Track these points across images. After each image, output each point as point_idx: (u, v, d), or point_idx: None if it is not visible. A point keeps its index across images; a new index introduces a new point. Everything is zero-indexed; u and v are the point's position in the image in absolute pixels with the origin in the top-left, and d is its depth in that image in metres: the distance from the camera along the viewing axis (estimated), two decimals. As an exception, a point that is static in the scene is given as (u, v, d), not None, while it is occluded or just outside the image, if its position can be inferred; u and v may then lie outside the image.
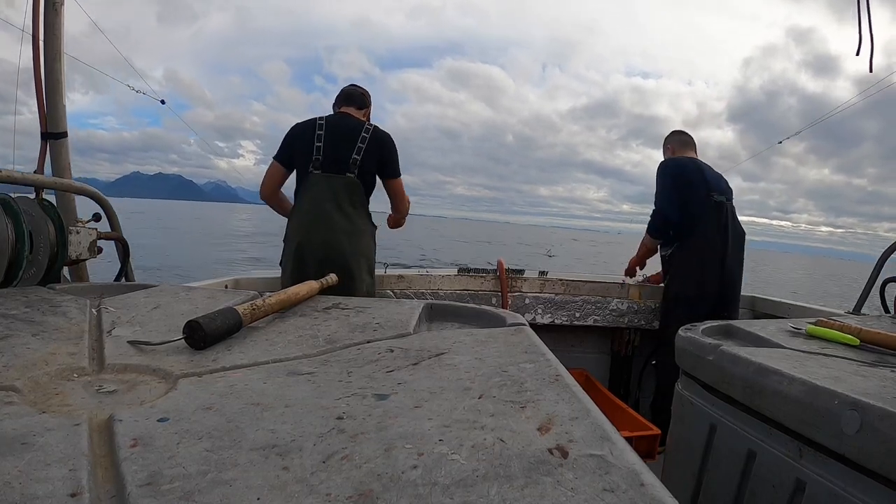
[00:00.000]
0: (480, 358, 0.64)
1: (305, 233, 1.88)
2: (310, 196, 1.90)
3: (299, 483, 0.35)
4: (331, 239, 1.85)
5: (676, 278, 2.31)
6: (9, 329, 0.73)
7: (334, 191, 1.88)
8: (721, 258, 2.20)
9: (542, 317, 2.45)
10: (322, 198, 1.87)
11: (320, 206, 1.87)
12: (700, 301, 2.19)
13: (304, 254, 1.86)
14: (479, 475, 0.36)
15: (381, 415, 0.47)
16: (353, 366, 0.63)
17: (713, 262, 2.20)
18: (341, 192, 1.88)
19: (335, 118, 1.99)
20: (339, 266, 1.67)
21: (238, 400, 0.50)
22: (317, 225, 1.87)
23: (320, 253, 1.84)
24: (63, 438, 0.41)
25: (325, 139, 1.91)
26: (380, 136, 1.95)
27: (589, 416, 0.46)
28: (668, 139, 2.53)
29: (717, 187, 2.27)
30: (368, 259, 1.95)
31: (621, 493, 0.34)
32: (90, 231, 1.42)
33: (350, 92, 2.09)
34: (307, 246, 1.86)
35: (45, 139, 1.56)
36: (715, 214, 2.22)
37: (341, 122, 1.97)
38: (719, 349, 0.97)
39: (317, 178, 1.89)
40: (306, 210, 1.89)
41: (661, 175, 2.34)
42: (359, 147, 1.90)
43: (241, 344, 0.72)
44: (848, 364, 0.87)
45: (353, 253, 1.87)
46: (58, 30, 1.52)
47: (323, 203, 1.87)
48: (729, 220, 2.24)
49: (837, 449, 0.70)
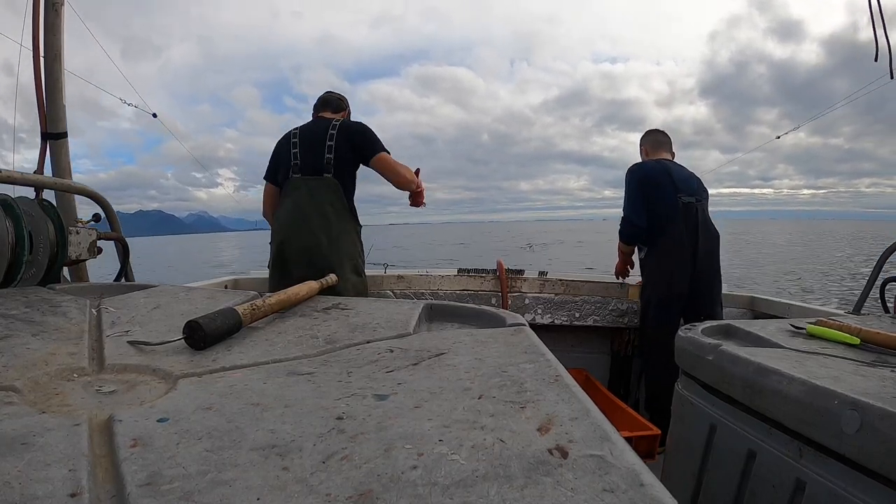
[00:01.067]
0: (480, 358, 0.64)
1: (286, 236, 1.89)
2: (290, 199, 1.92)
3: (299, 483, 0.35)
4: (310, 241, 1.86)
5: (649, 282, 2.32)
6: (9, 329, 0.73)
7: (312, 193, 1.89)
8: (692, 259, 2.19)
9: (541, 317, 2.45)
10: (301, 201, 1.89)
11: (299, 209, 1.88)
12: (670, 303, 2.20)
13: (286, 256, 1.88)
14: (479, 475, 0.36)
15: (381, 415, 0.47)
16: (353, 366, 0.63)
17: (682, 264, 2.19)
18: (320, 193, 1.89)
19: (308, 124, 2.03)
20: (320, 268, 1.68)
21: (238, 400, 0.50)
22: (297, 228, 1.88)
23: (302, 255, 1.85)
24: (63, 438, 0.41)
25: (300, 145, 1.94)
26: (346, 126, 1.95)
27: (589, 417, 0.46)
28: (642, 140, 2.52)
29: (686, 188, 2.26)
30: (352, 258, 1.93)
31: (621, 494, 0.34)
32: (90, 231, 1.42)
33: (326, 98, 2.13)
34: (288, 249, 1.88)
35: (45, 139, 1.56)
36: (683, 216, 2.21)
37: (313, 126, 2.00)
38: (719, 349, 0.97)
39: (296, 182, 1.92)
40: (286, 213, 1.91)
41: (628, 181, 2.34)
42: (329, 146, 1.91)
43: (240, 344, 0.72)
44: (848, 364, 0.87)
45: (334, 253, 1.87)
46: (58, 30, 1.52)
47: (302, 206, 1.88)
48: (699, 221, 2.23)
49: (837, 449, 0.70)
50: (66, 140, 1.59)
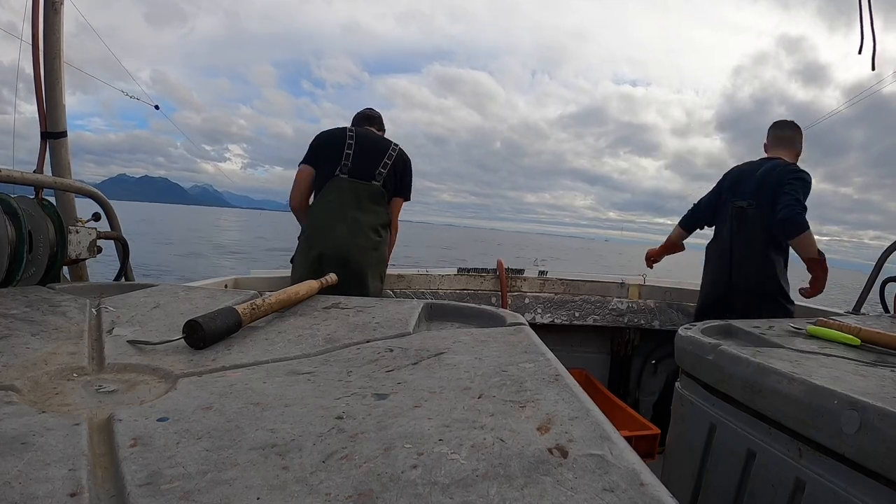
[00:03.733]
0: (480, 357, 0.64)
1: (326, 233, 1.87)
2: (333, 197, 1.90)
3: (299, 483, 0.35)
4: (350, 243, 1.85)
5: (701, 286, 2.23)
6: (9, 329, 0.73)
7: (359, 196, 1.91)
8: (727, 268, 2.04)
9: (541, 316, 2.45)
10: (346, 201, 1.89)
11: (344, 210, 1.88)
12: (704, 314, 2.05)
13: (323, 255, 1.84)
14: (479, 475, 0.36)
15: (381, 414, 0.47)
16: (353, 365, 0.63)
17: (719, 273, 2.07)
18: (366, 197, 1.92)
19: (364, 131, 2.05)
20: (354, 272, 1.70)
21: (238, 399, 0.50)
22: (338, 226, 1.87)
23: (339, 254, 1.83)
24: (63, 438, 0.41)
25: (355, 148, 1.95)
26: (404, 157, 2.05)
27: (588, 416, 0.46)
28: (769, 130, 2.22)
29: (746, 191, 2.04)
30: (380, 265, 1.97)
31: (621, 493, 0.34)
32: (90, 231, 1.42)
33: (370, 115, 2.20)
34: (327, 247, 1.85)
35: (45, 139, 1.56)
36: (729, 221, 2.06)
37: (369, 136, 2.04)
38: (719, 349, 0.97)
39: (342, 182, 1.91)
40: (329, 211, 1.90)
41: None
42: (385, 162, 1.97)
43: (240, 343, 0.72)
44: (848, 364, 0.87)
45: (369, 258, 1.89)
46: (57, 29, 1.52)
47: (346, 206, 1.88)
48: (747, 228, 2.00)
49: (837, 448, 0.70)
50: (66, 139, 1.59)
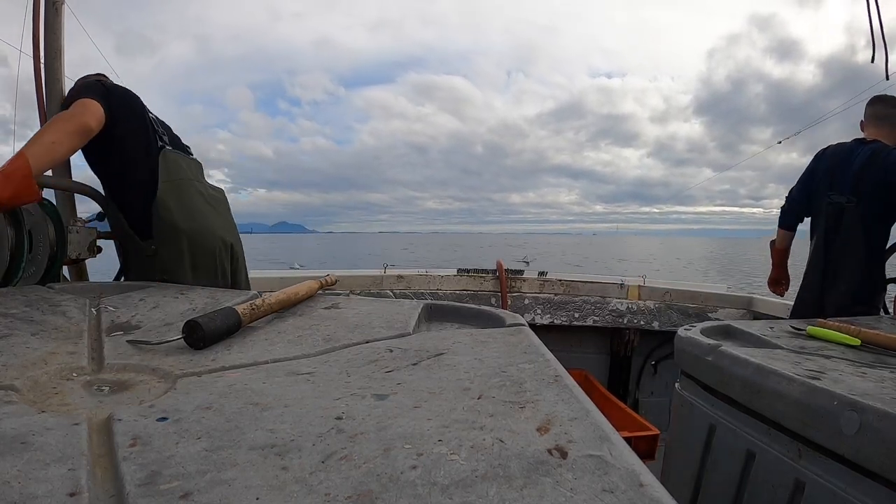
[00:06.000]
0: (480, 358, 0.64)
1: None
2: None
3: (298, 483, 0.35)
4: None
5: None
6: (8, 328, 0.73)
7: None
8: (820, 278, 1.74)
9: (541, 317, 2.45)
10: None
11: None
12: (797, 316, 1.78)
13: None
14: (479, 475, 0.36)
15: (381, 415, 0.47)
16: (353, 366, 0.62)
17: (813, 275, 1.78)
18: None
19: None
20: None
21: (237, 400, 0.50)
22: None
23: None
24: (62, 438, 0.41)
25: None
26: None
27: (588, 417, 0.45)
28: (866, 107, 1.87)
29: (843, 183, 1.72)
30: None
31: (620, 494, 0.34)
32: (90, 230, 1.42)
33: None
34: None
35: (45, 138, 1.55)
36: (824, 220, 1.75)
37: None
38: (718, 349, 0.97)
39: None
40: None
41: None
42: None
43: (240, 344, 0.72)
44: (847, 364, 0.87)
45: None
46: (58, 30, 1.51)
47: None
48: (842, 228, 1.71)
49: (837, 449, 0.70)
50: (66, 139, 1.59)
